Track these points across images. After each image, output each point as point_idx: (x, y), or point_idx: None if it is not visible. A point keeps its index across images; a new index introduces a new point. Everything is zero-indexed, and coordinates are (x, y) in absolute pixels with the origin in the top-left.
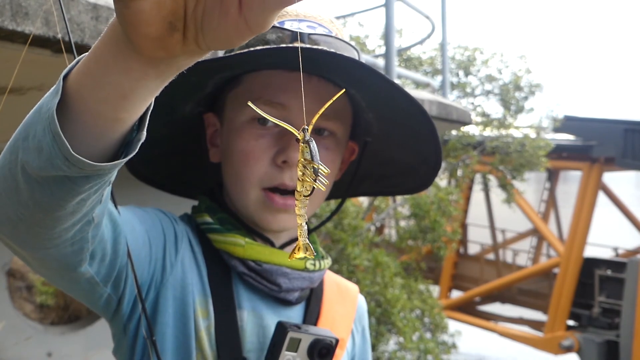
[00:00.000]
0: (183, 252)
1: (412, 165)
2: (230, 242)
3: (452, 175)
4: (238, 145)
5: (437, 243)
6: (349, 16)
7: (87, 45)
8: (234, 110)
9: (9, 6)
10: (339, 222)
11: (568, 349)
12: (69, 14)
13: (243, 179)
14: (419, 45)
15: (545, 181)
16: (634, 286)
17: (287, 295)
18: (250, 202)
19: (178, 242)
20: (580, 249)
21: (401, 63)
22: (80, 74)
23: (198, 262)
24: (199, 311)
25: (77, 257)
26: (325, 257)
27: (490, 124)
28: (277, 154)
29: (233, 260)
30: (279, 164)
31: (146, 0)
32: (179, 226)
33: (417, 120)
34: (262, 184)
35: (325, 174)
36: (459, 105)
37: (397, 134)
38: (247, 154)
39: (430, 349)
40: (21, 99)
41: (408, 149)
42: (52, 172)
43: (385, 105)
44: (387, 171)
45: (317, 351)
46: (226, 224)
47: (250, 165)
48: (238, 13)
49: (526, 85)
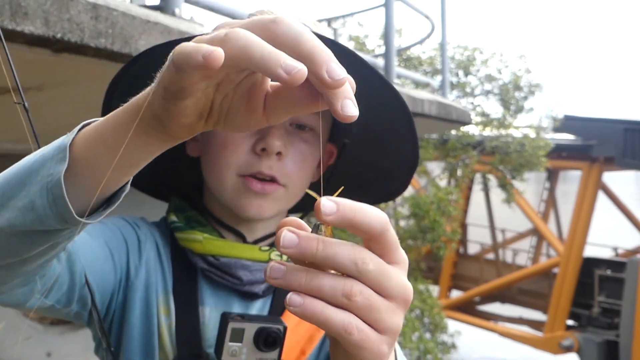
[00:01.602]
0: (147, 254)
1: (391, 168)
2: (191, 239)
3: (451, 175)
4: (217, 134)
5: (436, 243)
6: (349, 16)
7: (86, 44)
8: None
9: (8, 6)
10: None
11: (568, 349)
12: (69, 14)
13: (221, 166)
14: (418, 45)
15: (545, 181)
16: (633, 286)
17: (251, 288)
18: (227, 188)
19: (141, 245)
20: (580, 249)
21: (401, 63)
22: (94, 143)
23: (163, 262)
24: (162, 309)
25: (27, 297)
26: None
27: (490, 124)
28: (257, 141)
29: (195, 257)
30: (258, 151)
31: (189, 99)
32: (142, 229)
33: (397, 116)
34: (240, 171)
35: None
36: (459, 105)
37: (376, 134)
38: (226, 142)
39: (429, 348)
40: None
41: (387, 151)
42: (37, 227)
43: (366, 97)
44: (367, 176)
45: (263, 340)
46: (192, 222)
47: (228, 152)
48: (262, 112)
49: (526, 85)
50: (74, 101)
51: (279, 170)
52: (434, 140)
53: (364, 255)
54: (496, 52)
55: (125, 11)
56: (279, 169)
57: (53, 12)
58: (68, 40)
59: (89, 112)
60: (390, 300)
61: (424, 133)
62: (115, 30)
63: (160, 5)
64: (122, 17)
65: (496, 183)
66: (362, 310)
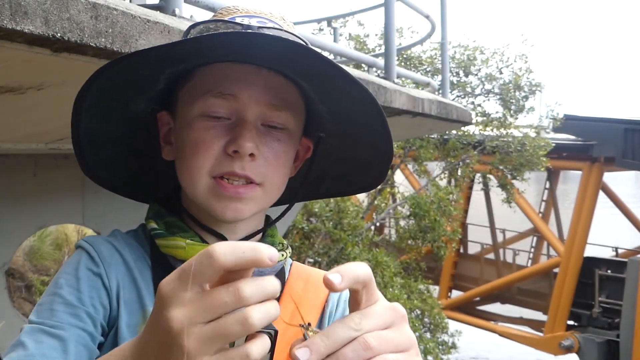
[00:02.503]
0: (113, 283)
1: (368, 159)
2: (173, 245)
3: (452, 175)
4: (189, 136)
5: (437, 243)
6: (349, 16)
7: (86, 44)
8: (186, 105)
9: (8, 5)
10: (338, 221)
11: (568, 349)
12: (68, 13)
13: (193, 168)
14: (418, 45)
15: (546, 181)
16: (634, 286)
17: None
18: (200, 190)
19: (105, 282)
20: (580, 249)
21: (401, 62)
22: None
23: (135, 277)
24: (142, 324)
25: None
26: (284, 248)
27: (490, 124)
28: (229, 143)
29: (177, 263)
30: (230, 153)
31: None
32: (102, 256)
33: (368, 110)
34: (212, 173)
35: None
36: (459, 105)
37: (350, 128)
38: (197, 143)
39: (430, 349)
40: (20, 98)
41: (363, 143)
42: None
43: (336, 96)
44: (345, 168)
45: None
46: (172, 228)
47: (200, 154)
48: None
49: (526, 85)
50: (73, 101)
51: (252, 170)
52: (435, 140)
53: (365, 335)
54: (497, 52)
55: (125, 11)
56: (253, 169)
57: (53, 12)
58: (68, 39)
59: None
60: (403, 352)
61: (424, 133)
62: (115, 29)
63: (160, 5)
64: (122, 16)
65: (496, 183)
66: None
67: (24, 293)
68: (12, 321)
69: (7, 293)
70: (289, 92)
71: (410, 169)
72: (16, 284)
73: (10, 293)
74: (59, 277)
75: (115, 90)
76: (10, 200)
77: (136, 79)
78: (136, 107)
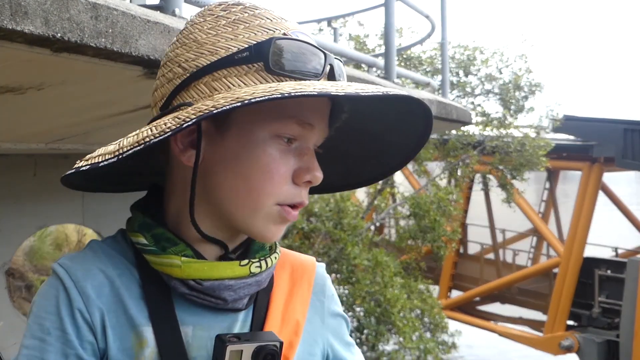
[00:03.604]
0: (96, 315)
1: (395, 141)
2: (167, 263)
3: (452, 175)
4: (259, 158)
5: (437, 243)
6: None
7: (86, 44)
8: (256, 122)
9: (8, 5)
10: (338, 221)
11: (568, 349)
12: (68, 13)
13: (259, 193)
14: (418, 45)
15: (545, 181)
16: (634, 286)
17: (234, 305)
18: (260, 215)
19: (86, 317)
20: (580, 249)
21: (401, 63)
22: None
23: (122, 296)
24: (136, 345)
25: None
26: (274, 247)
27: (490, 124)
28: (303, 172)
29: (173, 281)
30: (301, 183)
31: None
32: (74, 300)
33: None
34: (280, 201)
35: None
36: (459, 105)
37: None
38: (271, 169)
39: (430, 348)
40: (20, 98)
41: (392, 126)
42: None
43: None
44: (370, 149)
45: (262, 358)
46: (162, 241)
47: (274, 181)
48: None
49: (526, 85)
50: (73, 101)
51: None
52: (434, 140)
53: None
54: (496, 52)
55: (125, 11)
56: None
57: (53, 12)
58: (68, 39)
59: (89, 112)
60: None
61: None
62: (115, 29)
63: (160, 5)
64: (122, 16)
65: (496, 183)
66: None
67: (24, 293)
68: (12, 321)
69: (7, 293)
70: (326, 106)
71: (410, 169)
72: (16, 284)
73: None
74: (42, 316)
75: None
76: (10, 200)
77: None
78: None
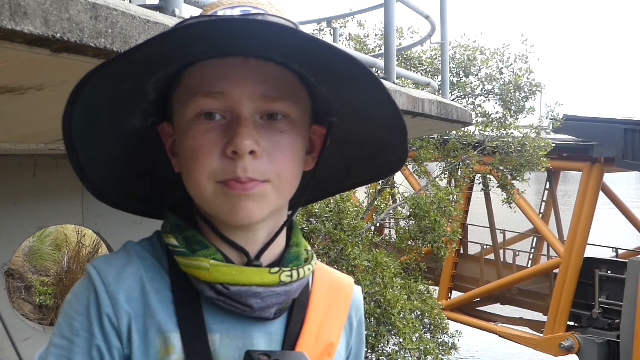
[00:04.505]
0: (123, 320)
1: (386, 137)
2: (195, 265)
3: (452, 175)
4: (187, 143)
5: (436, 243)
6: (349, 16)
7: (86, 44)
8: (179, 111)
9: (8, 5)
10: (338, 222)
11: (568, 350)
12: (68, 14)
13: (197, 175)
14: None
15: (545, 181)
16: (634, 286)
17: (262, 314)
18: (208, 197)
19: (113, 321)
20: (580, 249)
21: (401, 63)
22: None
23: (150, 300)
24: (162, 350)
25: None
26: (309, 258)
27: (490, 124)
28: (227, 144)
29: (200, 285)
30: (230, 154)
31: None
32: (103, 304)
33: (366, 83)
34: (216, 178)
35: None
36: (459, 105)
37: (357, 106)
38: (195, 150)
39: (430, 349)
40: (20, 98)
41: (375, 121)
42: None
43: (331, 74)
44: (368, 151)
45: None
46: (193, 244)
47: (200, 160)
48: None
49: (526, 85)
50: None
51: (255, 170)
52: (434, 140)
53: None
54: (497, 52)
55: (124, 11)
56: (256, 169)
57: (52, 12)
58: (68, 39)
59: None
60: None
61: (424, 133)
62: (115, 30)
63: (160, 5)
64: (122, 16)
65: (496, 183)
66: None
67: (24, 293)
68: (12, 321)
69: (6, 293)
70: (282, 78)
71: (410, 169)
72: (16, 285)
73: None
74: (72, 317)
75: (103, 109)
76: (10, 201)
77: (120, 93)
78: (133, 123)
